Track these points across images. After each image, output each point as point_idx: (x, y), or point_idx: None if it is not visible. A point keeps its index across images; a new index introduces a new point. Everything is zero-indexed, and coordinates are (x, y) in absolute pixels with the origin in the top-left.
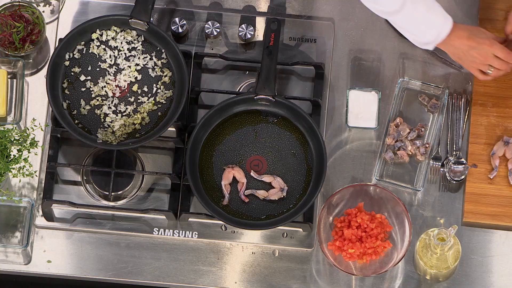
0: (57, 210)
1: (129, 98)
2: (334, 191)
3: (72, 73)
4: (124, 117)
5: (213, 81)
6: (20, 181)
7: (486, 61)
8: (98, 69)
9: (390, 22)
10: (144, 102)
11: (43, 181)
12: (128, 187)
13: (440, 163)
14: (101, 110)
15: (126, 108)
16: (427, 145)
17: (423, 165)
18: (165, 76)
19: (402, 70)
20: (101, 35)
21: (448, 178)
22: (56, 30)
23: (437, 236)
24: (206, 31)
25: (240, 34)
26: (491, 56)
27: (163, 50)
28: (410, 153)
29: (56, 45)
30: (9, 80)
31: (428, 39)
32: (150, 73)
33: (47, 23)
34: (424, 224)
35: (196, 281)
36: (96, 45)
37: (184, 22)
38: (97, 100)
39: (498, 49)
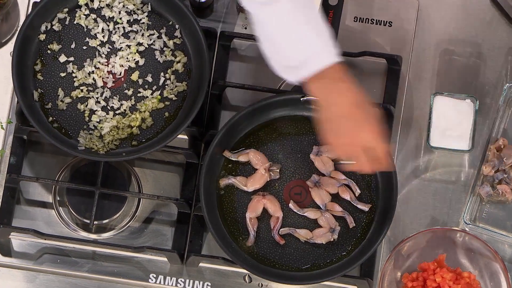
0: (17, 241)
1: (126, 91)
2: (406, 236)
3: (49, 51)
4: (117, 116)
5: (244, 73)
6: None
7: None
8: (85, 47)
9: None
10: (147, 97)
11: (0, 200)
12: (117, 215)
13: None
14: (86, 105)
15: (121, 104)
16: None
17: None
18: (178, 62)
19: (511, 72)
20: (92, 1)
21: None
22: None
23: None
24: (238, 3)
25: None
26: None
27: (176, 26)
28: None
29: (29, 12)
30: None
31: (297, 59)
32: (157, 56)
33: None
34: None
35: None
36: (84, 14)
37: None
38: (81, 90)
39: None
